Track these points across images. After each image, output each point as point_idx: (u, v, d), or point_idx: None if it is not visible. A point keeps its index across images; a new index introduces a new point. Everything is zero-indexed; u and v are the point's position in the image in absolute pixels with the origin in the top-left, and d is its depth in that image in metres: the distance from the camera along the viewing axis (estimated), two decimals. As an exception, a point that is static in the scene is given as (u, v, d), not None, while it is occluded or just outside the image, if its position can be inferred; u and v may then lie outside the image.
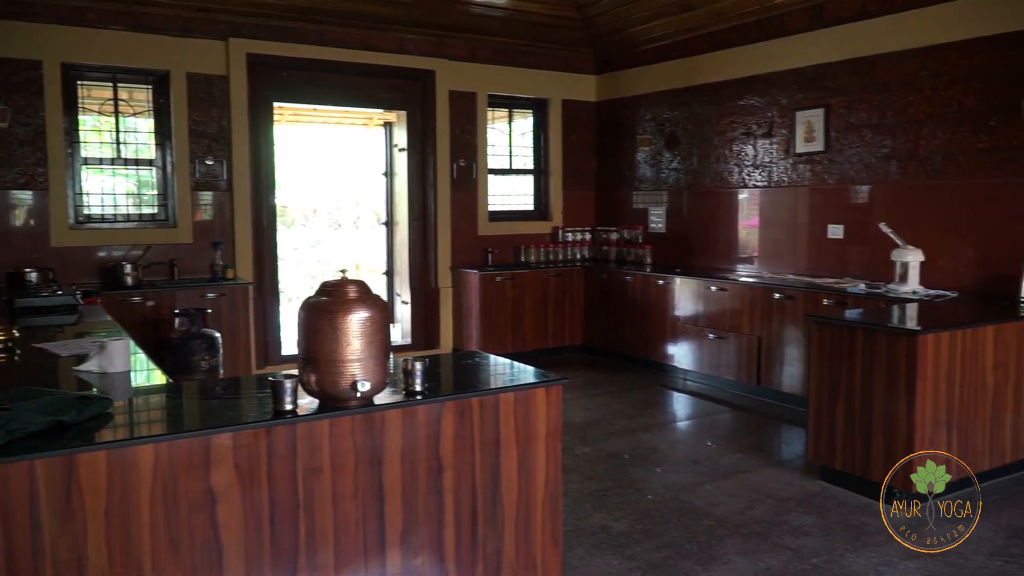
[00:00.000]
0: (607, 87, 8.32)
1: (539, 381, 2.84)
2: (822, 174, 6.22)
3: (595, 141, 8.49)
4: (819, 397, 4.25)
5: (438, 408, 2.56)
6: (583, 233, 8.31)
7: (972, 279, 5.22)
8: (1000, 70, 5.06)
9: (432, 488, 2.56)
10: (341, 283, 2.34)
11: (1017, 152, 5.00)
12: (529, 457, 2.77)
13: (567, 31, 7.94)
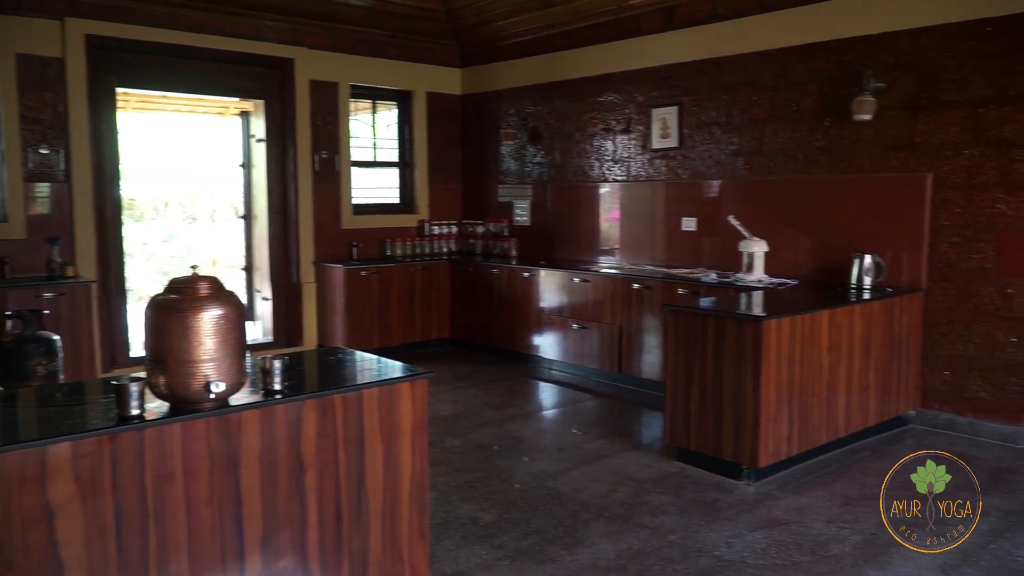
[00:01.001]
0: (472, 80, 8.35)
1: (404, 376, 2.82)
2: (677, 169, 6.51)
3: (461, 134, 8.51)
4: (675, 382, 4.46)
5: (298, 407, 2.49)
6: (449, 226, 8.32)
7: (810, 268, 5.62)
8: (834, 74, 5.46)
9: (294, 489, 2.49)
10: (191, 280, 2.24)
11: (848, 150, 5.42)
12: (395, 452, 2.75)
13: (431, 23, 7.90)
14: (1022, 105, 4.65)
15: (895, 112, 5.16)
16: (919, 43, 5.05)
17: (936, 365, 5.08)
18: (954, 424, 5.01)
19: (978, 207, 4.86)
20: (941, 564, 3.26)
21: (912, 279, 5.11)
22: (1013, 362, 4.75)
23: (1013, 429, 4.76)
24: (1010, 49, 4.68)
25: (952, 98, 4.92)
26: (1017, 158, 4.68)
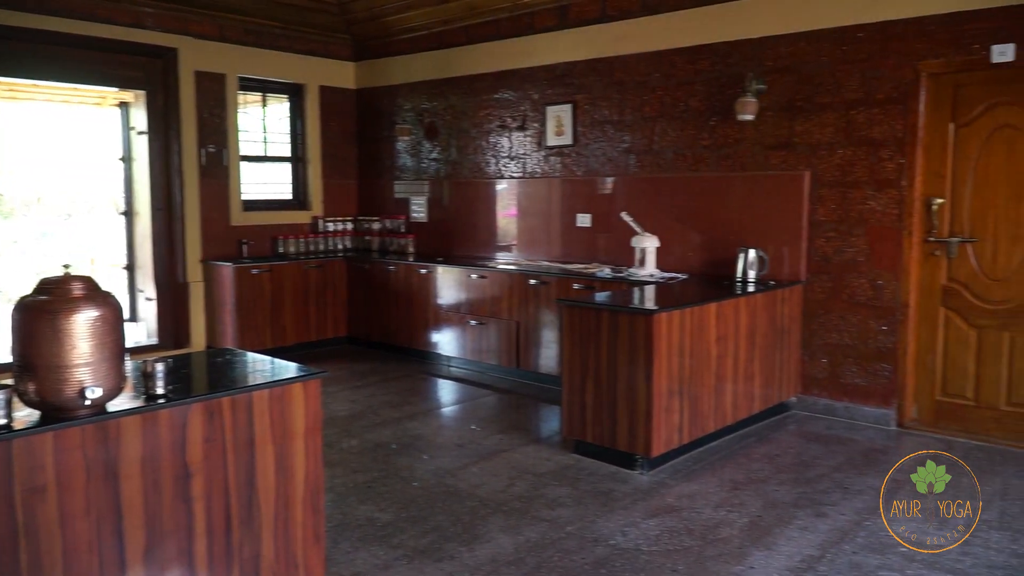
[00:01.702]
0: (366, 75, 8.22)
1: (296, 376, 2.76)
2: (571, 166, 6.61)
3: (355, 129, 8.37)
4: (571, 376, 4.53)
5: (184, 411, 2.40)
6: (344, 223, 8.18)
7: (699, 262, 5.82)
8: (719, 75, 5.66)
9: (179, 497, 2.40)
10: (63, 280, 2.11)
11: (732, 149, 5.64)
12: (287, 455, 2.69)
13: (323, 15, 7.73)
14: (888, 108, 4.95)
15: (775, 113, 5.41)
16: (796, 47, 5.30)
17: (815, 353, 5.36)
18: (832, 409, 5.30)
19: (851, 204, 5.15)
20: (821, 542, 3.44)
21: (792, 272, 5.37)
22: (883, 349, 5.06)
23: (884, 412, 5.08)
24: (877, 54, 4.97)
25: (827, 100, 5.20)
26: (884, 157, 4.98)
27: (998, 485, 4.12)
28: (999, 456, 4.53)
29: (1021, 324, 4.66)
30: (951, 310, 4.90)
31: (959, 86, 4.78)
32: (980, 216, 4.77)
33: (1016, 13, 4.47)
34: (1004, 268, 4.70)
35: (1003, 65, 4.56)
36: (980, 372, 4.82)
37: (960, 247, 4.84)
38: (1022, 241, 4.63)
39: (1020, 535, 3.51)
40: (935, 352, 4.97)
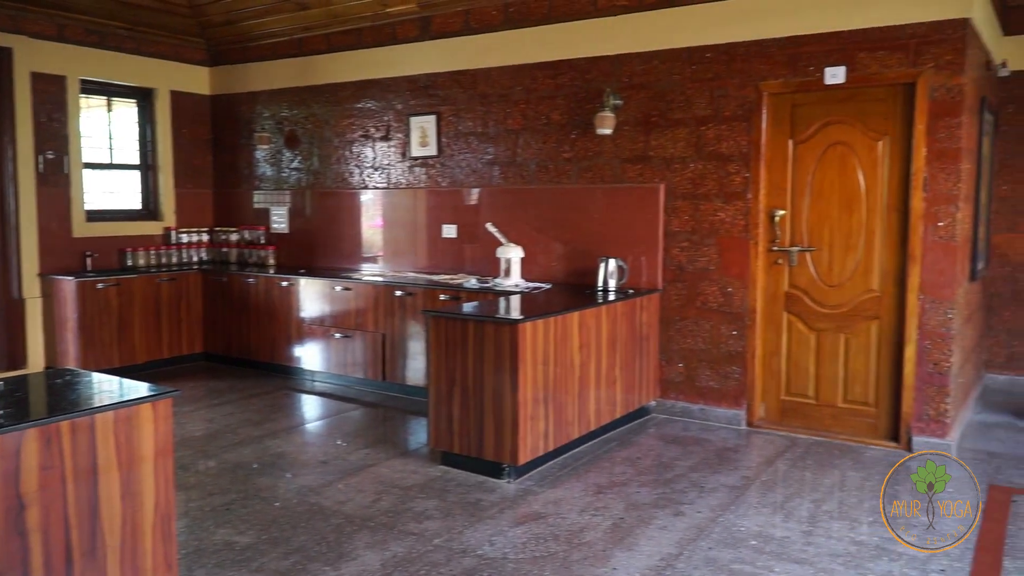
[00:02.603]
0: (222, 80, 7.91)
1: (145, 396, 2.60)
2: (436, 177, 6.60)
3: (211, 137, 8.02)
4: (438, 387, 4.51)
5: (16, 438, 2.21)
6: (200, 234, 7.81)
7: (563, 272, 5.95)
8: (579, 90, 5.83)
9: (12, 530, 2.21)
10: None
11: (592, 162, 5.81)
12: (135, 480, 2.53)
13: (174, 17, 7.37)
14: (735, 124, 5.25)
15: (631, 127, 5.62)
16: (651, 65, 5.54)
17: (672, 358, 5.59)
18: (689, 411, 5.54)
19: (703, 215, 5.42)
20: (679, 540, 3.58)
21: (650, 280, 5.59)
22: (734, 353, 5.35)
23: (736, 412, 5.36)
24: (724, 74, 5.27)
25: (679, 116, 5.45)
26: (732, 171, 5.28)
27: (837, 477, 4.43)
28: (837, 450, 4.88)
29: (855, 327, 5.04)
30: (793, 315, 5.24)
31: (796, 105, 5.14)
32: (817, 227, 5.13)
33: (846, 38, 4.86)
34: (839, 275, 5.08)
35: (835, 86, 4.94)
36: (820, 372, 5.18)
37: (800, 256, 5.18)
38: (854, 250, 5.01)
39: (857, 523, 3.78)
40: (780, 354, 5.30)
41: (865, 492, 4.22)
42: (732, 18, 5.21)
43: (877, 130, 4.89)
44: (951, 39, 4.58)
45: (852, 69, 4.86)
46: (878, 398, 4.99)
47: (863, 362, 5.03)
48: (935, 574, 3.25)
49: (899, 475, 4.43)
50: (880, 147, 4.89)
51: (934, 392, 4.75)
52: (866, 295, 4.99)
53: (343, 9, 6.72)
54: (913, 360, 4.79)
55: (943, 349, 4.72)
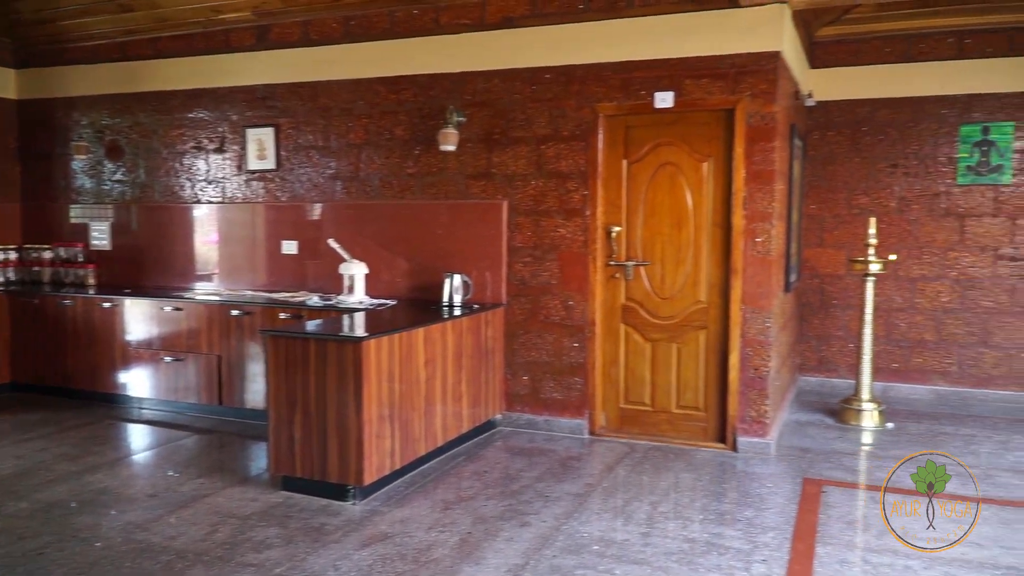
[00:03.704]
0: (32, 84, 7.28)
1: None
2: (275, 191, 6.39)
3: (18, 145, 7.35)
4: (278, 409, 4.35)
5: None
6: (6, 252, 7.13)
7: (408, 288, 5.91)
8: (422, 106, 5.83)
9: None
10: None
11: (436, 178, 5.83)
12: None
13: (-26, 13, 6.72)
14: (573, 144, 5.44)
15: (475, 144, 5.69)
16: (492, 84, 5.63)
17: (517, 372, 5.68)
18: (534, 423, 5.64)
19: (544, 231, 5.56)
20: (525, 550, 3.63)
21: (495, 295, 5.66)
22: (575, 364, 5.51)
23: (578, 422, 5.52)
24: (562, 95, 5.45)
25: (520, 134, 5.58)
26: (571, 189, 5.46)
27: (671, 479, 4.66)
28: (672, 454, 5.13)
29: (685, 337, 5.33)
30: (630, 326, 5.48)
31: (630, 127, 5.39)
32: (650, 242, 5.40)
33: (674, 65, 5.16)
34: (670, 288, 5.36)
35: (664, 110, 5.23)
36: (655, 380, 5.43)
37: (635, 270, 5.43)
38: (684, 264, 5.31)
39: (690, 522, 3.99)
40: (618, 364, 5.52)
41: (697, 492, 4.47)
42: (570, 42, 5.40)
43: (702, 152, 5.22)
44: (765, 70, 4.97)
45: (679, 94, 5.17)
46: (707, 403, 5.30)
47: (693, 369, 5.32)
48: (758, 564, 3.48)
49: (725, 473, 4.73)
50: (705, 168, 5.22)
51: (755, 395, 5.10)
52: (695, 306, 5.30)
53: (172, 13, 6.38)
54: (737, 366, 5.13)
55: (762, 355, 5.09)
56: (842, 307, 6.86)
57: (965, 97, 6.43)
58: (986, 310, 6.48)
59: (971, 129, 6.42)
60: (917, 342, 6.68)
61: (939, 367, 6.63)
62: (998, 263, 6.42)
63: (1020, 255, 6.36)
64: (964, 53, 6.40)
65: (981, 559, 3.52)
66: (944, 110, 6.49)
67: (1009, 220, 6.37)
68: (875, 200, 6.70)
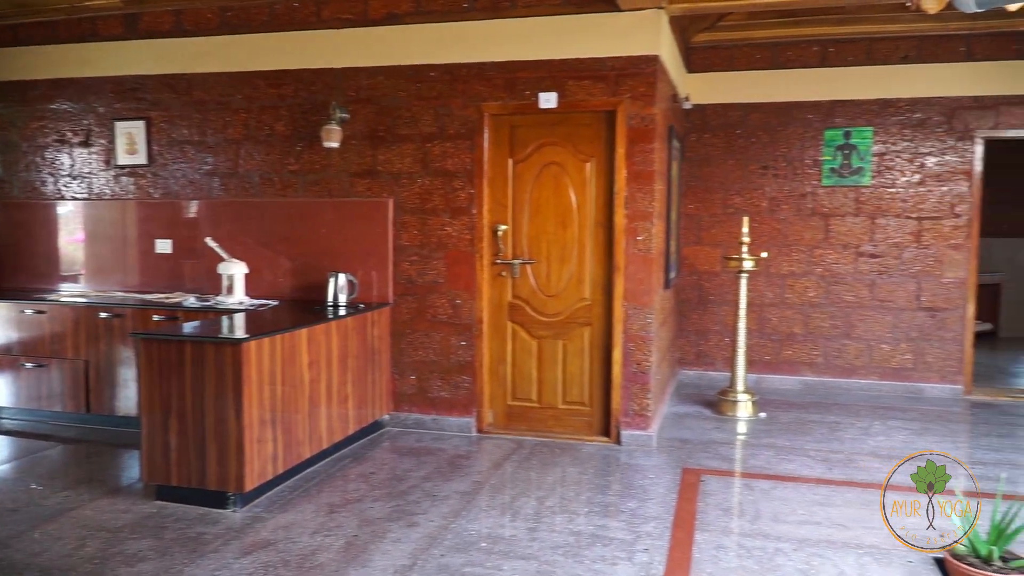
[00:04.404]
0: None
1: None
2: (147, 188, 6.09)
3: None
4: (151, 416, 4.15)
5: None
6: None
7: (291, 288, 5.76)
8: (304, 101, 5.69)
9: None
10: None
11: (320, 175, 5.71)
12: None
13: None
14: (459, 142, 5.44)
15: (359, 142, 5.60)
16: (376, 80, 5.56)
17: (404, 371, 5.64)
18: (422, 422, 5.61)
19: (431, 230, 5.54)
20: (412, 551, 3.60)
21: (381, 294, 5.60)
22: (463, 363, 5.52)
23: (466, 420, 5.53)
24: (447, 93, 5.44)
25: (406, 132, 5.54)
26: (458, 187, 5.46)
27: (558, 474, 4.74)
28: (559, 449, 5.22)
29: (571, 333, 5.43)
30: (517, 324, 5.53)
31: (515, 127, 5.44)
32: (536, 241, 5.47)
33: (557, 66, 5.24)
34: (556, 285, 5.44)
35: (549, 111, 5.30)
36: (542, 377, 5.51)
37: (521, 268, 5.49)
38: (568, 262, 5.40)
39: (575, 515, 4.07)
40: (505, 362, 5.56)
41: (582, 486, 4.56)
42: (455, 41, 5.40)
43: (585, 152, 5.33)
44: (644, 73, 5.12)
45: (563, 95, 5.26)
46: (592, 397, 5.42)
47: (579, 365, 5.43)
48: (640, 553, 3.59)
49: (609, 466, 4.85)
50: (588, 168, 5.33)
51: (637, 389, 5.26)
52: (580, 303, 5.40)
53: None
54: (620, 362, 5.27)
55: (644, 350, 5.25)
56: (718, 303, 7.16)
57: (828, 103, 6.84)
58: (849, 304, 6.91)
59: (834, 133, 6.84)
60: (787, 335, 7.05)
61: (807, 359, 7.03)
62: (859, 260, 6.87)
63: (879, 252, 6.82)
64: (827, 61, 6.80)
65: (845, 539, 3.75)
66: (810, 115, 6.88)
67: (869, 219, 6.82)
68: (748, 200, 7.03)
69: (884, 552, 3.60)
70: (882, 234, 6.79)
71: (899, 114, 6.71)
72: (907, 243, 6.75)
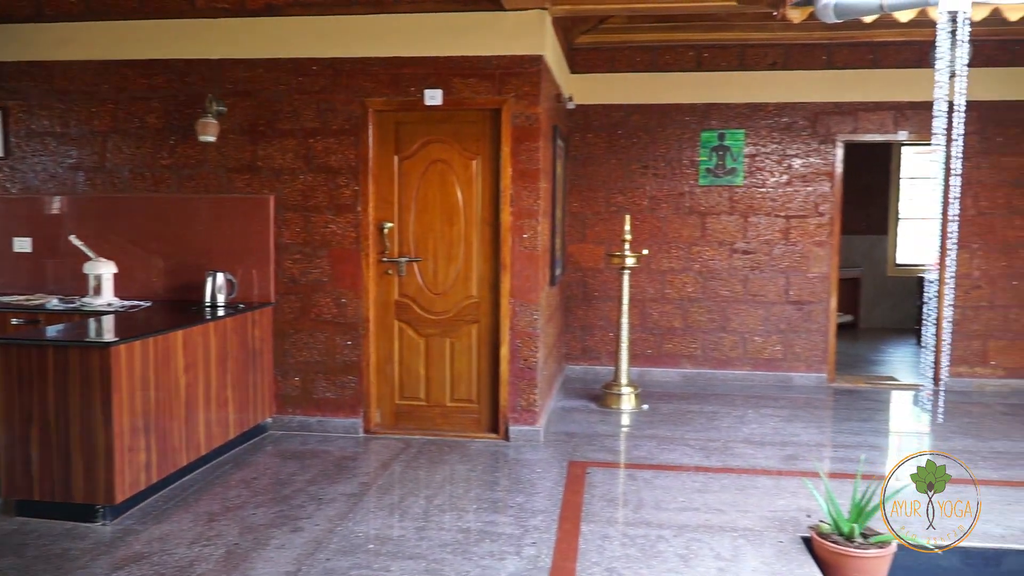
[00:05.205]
0: None
1: None
2: (4, 182, 5.67)
3: None
4: (10, 427, 3.87)
5: None
6: None
7: (165, 288, 5.50)
8: (177, 93, 5.44)
9: None
10: None
11: (195, 170, 5.47)
12: None
13: None
14: (343, 138, 5.34)
15: (237, 136, 5.41)
16: (255, 73, 5.38)
17: (288, 373, 5.49)
18: (307, 424, 5.48)
19: (314, 227, 5.41)
20: (297, 556, 3.52)
21: (262, 294, 5.43)
22: (349, 362, 5.42)
23: (353, 421, 5.44)
24: (331, 88, 5.33)
25: (287, 127, 5.39)
26: (342, 184, 5.36)
27: (447, 472, 4.73)
28: (447, 447, 5.21)
29: (458, 331, 5.44)
30: (404, 322, 5.49)
31: (400, 123, 5.39)
32: (423, 238, 5.43)
33: (442, 63, 5.22)
34: (443, 283, 5.43)
35: (434, 108, 5.28)
36: (429, 375, 5.49)
37: (408, 266, 5.44)
38: (455, 260, 5.41)
39: (464, 513, 4.07)
40: (393, 361, 5.51)
41: (471, 483, 4.57)
42: (338, 34, 5.30)
43: (472, 150, 5.34)
44: (528, 73, 5.18)
45: (448, 93, 5.25)
46: (480, 395, 5.44)
47: (466, 363, 5.44)
48: (529, 547, 3.64)
49: (498, 462, 4.89)
50: (475, 166, 5.35)
51: (525, 385, 5.32)
52: (467, 301, 5.41)
53: None
54: (507, 358, 5.32)
55: (531, 347, 5.31)
56: (602, 299, 7.34)
57: (704, 106, 7.13)
58: (724, 299, 7.23)
59: (709, 135, 7.13)
60: (667, 329, 7.31)
61: (686, 351, 7.30)
62: (733, 256, 7.19)
63: (751, 249, 7.16)
64: (702, 66, 7.09)
65: (722, 524, 3.92)
66: (687, 117, 7.14)
67: (742, 218, 7.15)
68: (630, 199, 7.24)
69: (757, 534, 3.78)
70: (754, 232, 7.14)
71: (768, 118, 7.07)
72: (776, 240, 7.12)
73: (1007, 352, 7.01)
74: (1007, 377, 7.00)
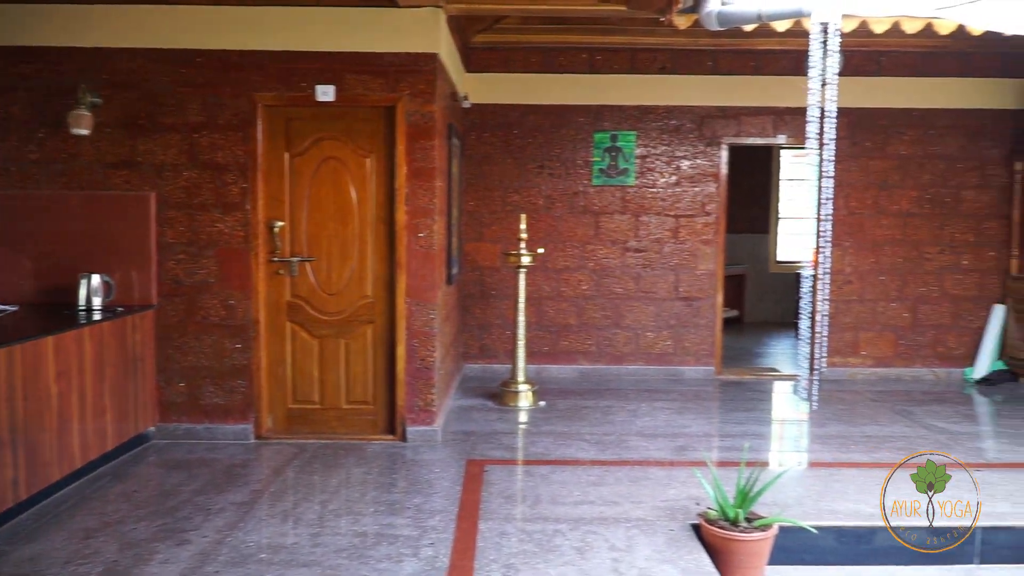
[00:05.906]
0: None
1: None
2: None
3: None
4: None
5: None
6: None
7: (34, 291, 5.14)
8: (47, 83, 5.09)
9: None
10: None
11: (67, 166, 5.15)
12: None
13: None
14: (230, 134, 5.15)
15: (115, 130, 5.13)
16: (136, 63, 5.12)
17: (172, 379, 5.24)
18: (194, 432, 5.25)
19: (200, 226, 5.19)
20: (183, 571, 3.36)
21: (143, 296, 5.16)
22: (238, 366, 5.23)
23: (243, 427, 5.25)
24: (217, 81, 5.13)
25: (170, 121, 5.15)
26: (229, 181, 5.17)
27: (342, 476, 4.64)
28: (343, 450, 5.11)
29: (353, 332, 5.33)
30: (296, 324, 5.34)
31: (291, 119, 5.24)
32: (316, 238, 5.30)
33: (335, 59, 5.11)
34: (337, 283, 5.32)
35: (327, 104, 5.16)
36: (324, 377, 5.36)
37: (300, 266, 5.30)
38: (350, 260, 5.30)
39: (361, 516, 4.00)
40: (285, 363, 5.35)
41: (367, 486, 4.50)
42: (225, 25, 5.10)
43: (365, 148, 5.25)
44: (423, 71, 5.13)
45: (341, 89, 5.14)
46: (376, 396, 5.36)
47: (362, 364, 5.35)
48: (426, 547, 3.61)
49: (395, 464, 4.84)
50: (369, 164, 5.26)
51: (422, 385, 5.28)
52: (362, 301, 5.32)
53: None
54: (404, 358, 5.26)
55: (428, 346, 5.27)
56: (500, 297, 7.37)
57: (597, 107, 7.26)
58: (618, 296, 7.39)
59: (602, 136, 7.27)
60: (563, 327, 7.41)
61: (581, 348, 7.43)
62: (626, 254, 7.36)
63: (643, 247, 7.35)
64: (595, 68, 7.22)
65: (616, 515, 4.00)
66: (581, 118, 7.26)
67: (634, 217, 7.33)
68: (526, 198, 7.29)
69: (649, 524, 3.88)
70: (645, 230, 7.33)
71: (658, 120, 7.27)
72: (667, 239, 7.34)
73: (875, 343, 7.47)
74: (875, 366, 7.47)
